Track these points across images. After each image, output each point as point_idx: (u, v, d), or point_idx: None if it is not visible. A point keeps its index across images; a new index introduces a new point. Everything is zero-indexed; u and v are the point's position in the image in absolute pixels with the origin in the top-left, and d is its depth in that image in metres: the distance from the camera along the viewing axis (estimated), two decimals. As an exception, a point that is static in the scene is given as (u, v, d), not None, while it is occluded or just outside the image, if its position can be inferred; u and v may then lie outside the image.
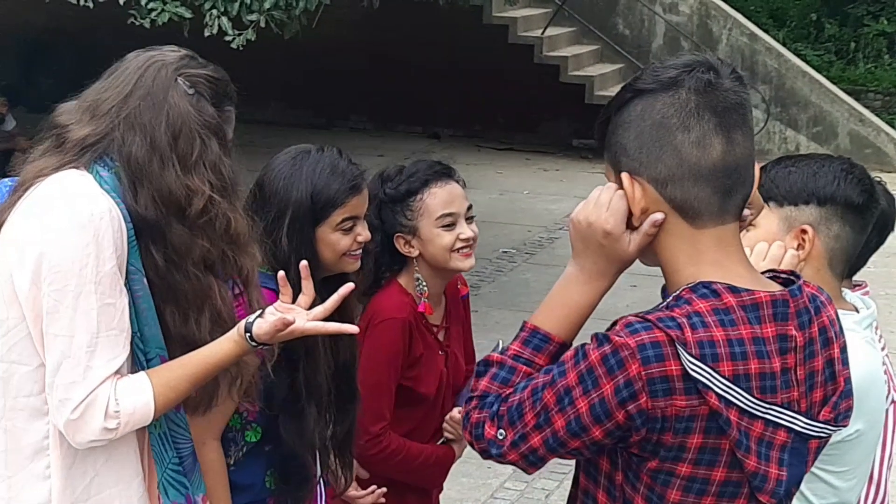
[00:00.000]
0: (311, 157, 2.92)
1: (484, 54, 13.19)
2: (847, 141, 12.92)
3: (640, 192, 1.98)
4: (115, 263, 2.33)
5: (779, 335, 1.94)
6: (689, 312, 1.89)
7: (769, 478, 1.93)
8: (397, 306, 3.24)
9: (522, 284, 8.43)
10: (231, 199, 2.46)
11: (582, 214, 2.03)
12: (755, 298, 1.94)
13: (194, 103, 2.44)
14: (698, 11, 13.45)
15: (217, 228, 2.42)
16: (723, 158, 1.95)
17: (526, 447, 1.98)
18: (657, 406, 1.88)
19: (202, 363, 2.43)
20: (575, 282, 2.05)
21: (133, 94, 2.42)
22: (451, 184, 3.27)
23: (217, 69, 2.55)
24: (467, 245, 3.24)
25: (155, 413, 2.38)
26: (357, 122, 14.05)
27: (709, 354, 1.87)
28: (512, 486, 5.74)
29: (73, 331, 2.32)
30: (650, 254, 2.02)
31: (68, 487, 2.41)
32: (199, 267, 2.42)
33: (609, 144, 2.03)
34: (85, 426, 2.33)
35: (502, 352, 2.07)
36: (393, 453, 3.25)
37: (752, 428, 1.91)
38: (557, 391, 1.94)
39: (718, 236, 1.98)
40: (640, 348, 1.87)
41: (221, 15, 7.53)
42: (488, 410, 2.02)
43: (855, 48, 15.94)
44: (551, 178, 12.13)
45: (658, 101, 1.95)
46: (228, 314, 2.47)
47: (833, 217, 2.53)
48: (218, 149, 2.45)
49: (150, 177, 2.40)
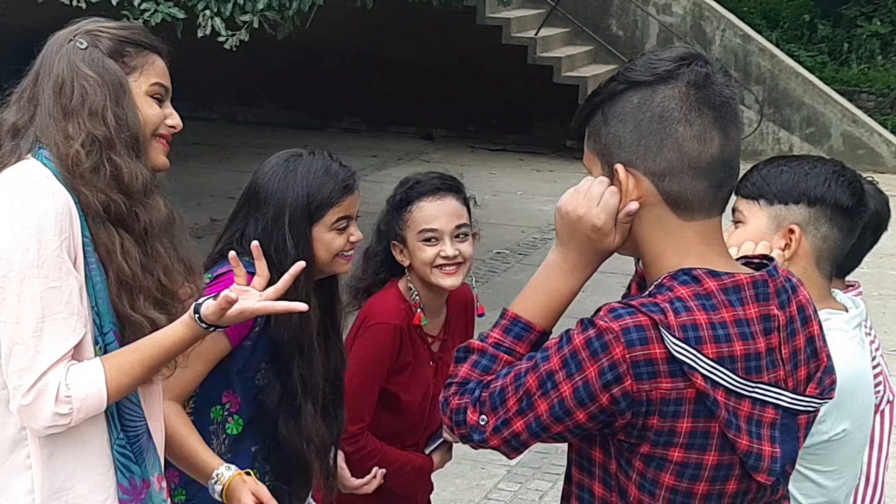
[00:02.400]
0: (303, 159, 2.94)
1: (477, 55, 13.20)
2: (840, 142, 12.94)
3: (634, 184, 1.98)
4: (59, 246, 2.32)
5: (762, 315, 1.96)
6: (671, 298, 1.91)
7: (763, 456, 1.95)
8: (391, 311, 3.25)
9: (516, 285, 8.42)
10: (120, 147, 2.42)
11: (570, 205, 2.03)
12: (736, 281, 1.96)
13: (84, 57, 2.45)
14: (692, 12, 13.46)
15: (102, 177, 2.40)
16: (720, 153, 1.97)
17: (508, 432, 1.99)
18: (642, 389, 1.89)
19: (155, 347, 2.41)
20: (558, 270, 2.07)
21: (38, 75, 2.50)
22: (445, 199, 3.26)
23: (120, 23, 2.57)
24: (449, 263, 3.22)
25: (108, 398, 2.37)
26: (350, 122, 14.05)
27: (692, 337, 1.89)
28: (506, 486, 5.74)
29: (19, 317, 2.32)
30: (630, 244, 2.03)
31: (49, 477, 2.41)
32: (102, 219, 2.40)
33: (597, 135, 2.02)
34: (38, 412, 2.33)
35: (482, 338, 2.08)
36: (369, 454, 3.26)
37: (740, 407, 1.92)
38: (540, 375, 1.95)
39: (704, 229, 1.99)
40: (624, 332, 1.89)
41: (214, 16, 7.51)
42: (469, 396, 2.03)
43: (848, 49, 15.95)
44: (545, 178, 12.13)
45: (658, 93, 1.95)
46: (134, 273, 2.41)
47: (822, 218, 2.54)
48: (106, 98, 2.43)
49: (47, 136, 2.43)
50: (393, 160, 12.54)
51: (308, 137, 13.36)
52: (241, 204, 2.96)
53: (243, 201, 2.95)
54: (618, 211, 1.99)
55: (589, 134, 2.04)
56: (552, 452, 6.00)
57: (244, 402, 2.89)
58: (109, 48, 2.48)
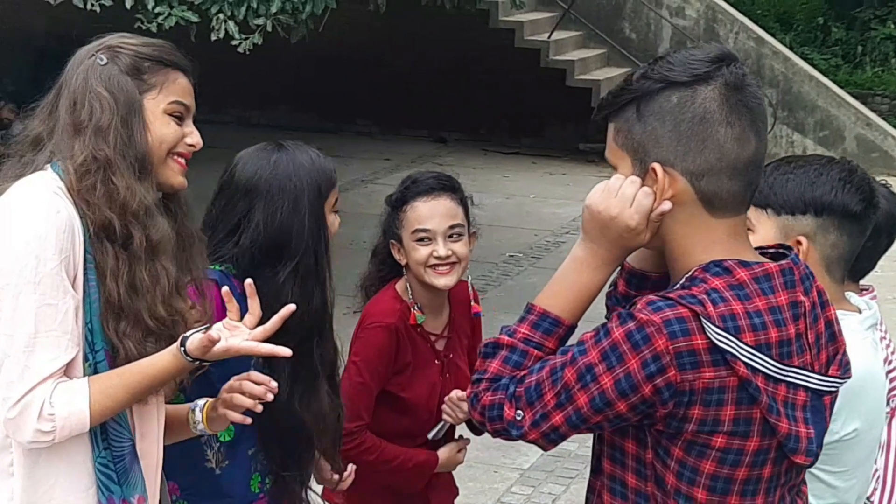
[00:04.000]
0: (289, 147, 2.90)
1: (490, 58, 13.20)
2: (854, 145, 12.90)
3: (670, 182, 2.01)
4: (58, 264, 2.33)
5: (790, 302, 2.01)
6: (706, 290, 1.96)
7: (801, 437, 2.00)
8: (386, 311, 3.27)
9: (529, 288, 8.42)
10: (122, 168, 2.41)
11: (603, 205, 2.05)
12: (766, 269, 2.01)
13: (100, 74, 2.45)
14: (705, 15, 13.44)
15: (98, 196, 2.39)
16: (755, 154, 2.02)
17: (547, 426, 2.03)
18: (686, 379, 1.93)
19: (139, 374, 2.41)
20: (587, 266, 2.09)
21: (61, 87, 2.49)
22: (440, 199, 3.26)
23: (148, 39, 2.53)
24: (442, 263, 3.23)
25: (91, 420, 2.37)
26: (363, 125, 14.06)
27: (731, 327, 1.93)
28: (518, 490, 5.74)
29: (13, 330, 2.33)
30: (656, 239, 2.06)
31: (29, 487, 2.41)
32: (101, 239, 2.39)
33: (629, 131, 2.04)
34: (23, 425, 2.34)
35: (510, 333, 2.10)
36: (366, 451, 3.25)
37: (777, 392, 1.97)
38: (579, 369, 1.99)
39: (733, 226, 2.04)
40: (665, 324, 1.93)
41: (228, 19, 7.53)
42: (504, 392, 2.06)
43: (862, 52, 15.91)
44: (557, 181, 12.12)
45: (698, 94, 1.98)
46: (121, 296, 2.39)
47: (830, 226, 2.52)
48: (112, 117, 2.42)
49: (61, 151, 2.44)
50: (406, 163, 12.53)
51: (322, 140, 13.34)
52: (231, 199, 2.86)
53: (237, 196, 2.84)
54: (650, 211, 2.01)
55: (618, 129, 2.06)
56: (565, 456, 6.00)
57: None
58: (127, 65, 2.46)
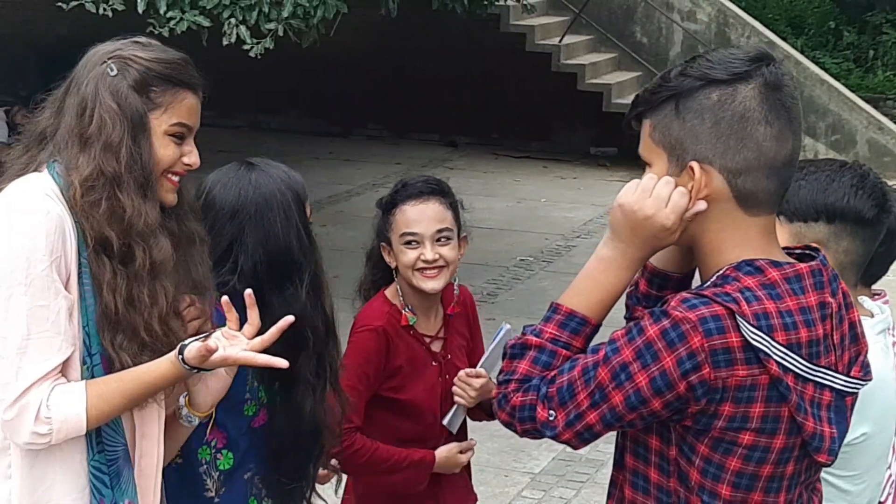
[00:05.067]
0: (258, 165, 2.90)
1: (501, 62, 13.20)
2: (866, 149, 12.87)
3: (706, 181, 2.02)
4: (48, 265, 2.33)
5: (820, 303, 2.03)
6: (740, 288, 1.97)
7: (825, 437, 2.02)
8: (375, 315, 3.29)
9: (539, 292, 8.41)
10: (129, 185, 2.39)
11: (637, 204, 2.05)
12: (797, 270, 2.03)
13: (110, 85, 2.42)
14: (716, 19, 13.43)
15: (101, 212, 2.38)
16: (791, 153, 2.04)
17: (581, 425, 2.04)
18: (719, 376, 1.95)
19: (136, 380, 2.41)
20: (615, 265, 2.09)
21: (70, 85, 2.47)
22: (429, 203, 3.28)
23: (164, 51, 2.49)
24: (430, 266, 3.25)
25: (88, 424, 2.38)
26: (374, 129, 14.06)
27: (764, 325, 1.95)
28: (529, 494, 5.73)
29: (6, 332, 2.34)
30: (687, 237, 2.07)
31: (27, 488, 2.42)
32: (98, 252, 2.39)
33: (666, 128, 2.04)
34: (20, 427, 2.35)
35: (537, 333, 2.10)
36: (357, 453, 3.25)
37: (805, 391, 1.99)
38: (612, 368, 2.00)
39: (765, 225, 2.05)
40: (701, 321, 1.94)
41: (240, 24, 7.54)
42: (535, 393, 2.06)
43: (874, 56, 15.87)
44: (568, 185, 12.12)
45: (738, 92, 2.00)
46: (118, 310, 2.38)
47: (842, 233, 2.52)
48: (124, 133, 2.40)
49: (63, 155, 2.43)
50: (416, 167, 12.53)
51: (332, 145, 13.39)
52: (215, 224, 2.79)
53: (221, 220, 2.79)
54: (685, 211, 2.03)
55: (655, 126, 2.06)
56: (575, 460, 5.99)
57: (234, 435, 2.85)
58: (136, 80, 2.43)
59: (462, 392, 3.31)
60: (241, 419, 2.84)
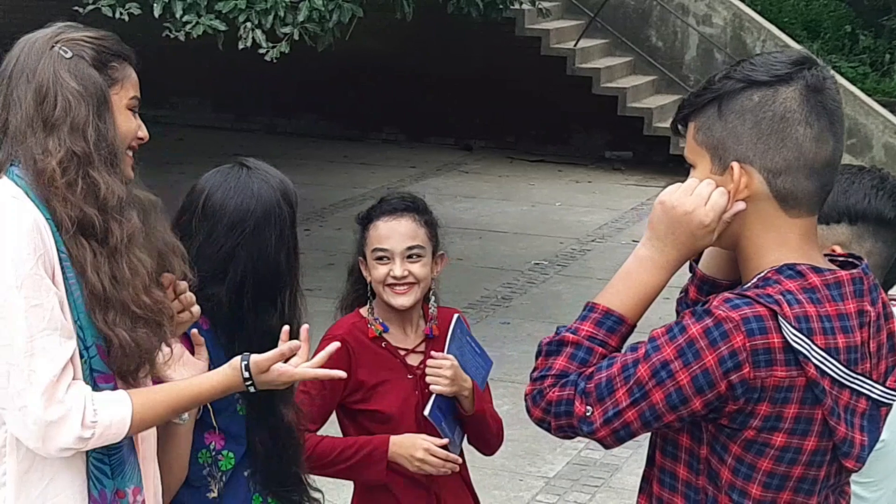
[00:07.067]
0: (256, 168, 2.91)
1: (516, 66, 13.20)
2: (882, 153, 12.83)
3: (746, 182, 2.04)
4: (35, 263, 2.32)
5: (858, 311, 2.04)
6: (781, 291, 1.99)
7: (855, 443, 2.04)
8: (341, 327, 3.32)
9: (554, 297, 8.41)
10: (98, 163, 2.40)
11: (678, 201, 2.07)
12: (837, 277, 2.05)
13: (69, 67, 2.42)
14: (732, 23, 13.41)
15: (77, 192, 2.38)
16: (832, 155, 2.05)
17: (619, 422, 2.04)
18: (758, 376, 1.97)
19: (187, 391, 2.45)
20: (652, 265, 2.11)
21: (12, 77, 2.44)
22: (401, 220, 3.29)
23: (98, 30, 2.52)
24: (399, 283, 3.27)
25: (130, 429, 2.38)
26: (390, 133, 14.08)
27: (805, 328, 1.97)
28: (544, 498, 5.73)
29: (10, 339, 2.31)
30: (727, 238, 2.09)
31: (22, 493, 2.40)
32: (74, 233, 2.37)
33: (710, 129, 2.07)
34: (62, 430, 2.31)
35: (573, 331, 2.11)
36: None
37: (841, 397, 2.01)
38: (653, 365, 2.01)
39: (806, 226, 2.07)
40: (744, 321, 1.96)
41: (256, 28, 7.57)
42: (572, 388, 2.07)
43: (890, 60, 15.83)
44: (583, 189, 12.11)
45: (779, 94, 2.02)
46: (105, 287, 2.38)
47: (865, 234, 2.53)
48: (88, 111, 2.41)
49: (25, 148, 2.41)
50: (432, 171, 12.55)
51: (348, 148, 13.40)
52: (212, 232, 2.81)
53: (219, 229, 2.80)
54: (724, 210, 2.04)
55: (699, 128, 2.09)
56: (590, 465, 5.99)
57: (231, 435, 2.87)
58: (94, 59, 2.44)
59: (435, 379, 3.26)
60: (237, 418, 2.87)
